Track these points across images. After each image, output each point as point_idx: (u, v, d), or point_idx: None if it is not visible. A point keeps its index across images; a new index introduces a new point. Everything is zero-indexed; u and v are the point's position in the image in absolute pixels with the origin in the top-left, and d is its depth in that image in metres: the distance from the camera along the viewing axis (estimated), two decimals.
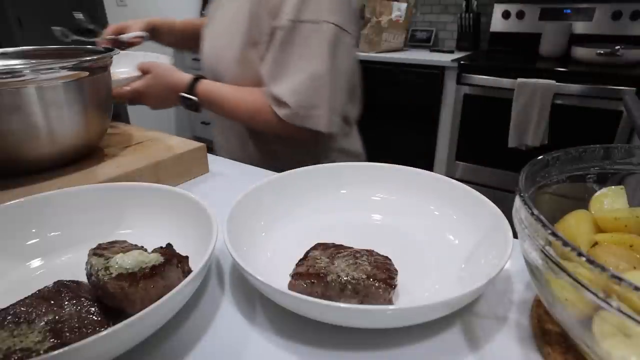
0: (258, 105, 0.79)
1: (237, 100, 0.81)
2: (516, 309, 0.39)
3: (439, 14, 2.57)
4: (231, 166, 0.75)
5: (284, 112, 0.76)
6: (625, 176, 0.38)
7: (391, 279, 0.37)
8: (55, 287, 0.35)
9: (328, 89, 0.75)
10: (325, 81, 0.75)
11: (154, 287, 0.34)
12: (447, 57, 2.16)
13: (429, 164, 2.31)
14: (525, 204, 0.29)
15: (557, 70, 1.81)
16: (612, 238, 0.32)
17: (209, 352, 0.35)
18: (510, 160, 2.01)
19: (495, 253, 0.39)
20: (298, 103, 0.74)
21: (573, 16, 2.13)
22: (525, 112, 1.84)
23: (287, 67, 0.75)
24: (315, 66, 0.74)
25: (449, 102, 2.14)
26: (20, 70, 0.52)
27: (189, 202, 0.47)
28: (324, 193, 0.55)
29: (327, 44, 0.74)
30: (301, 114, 0.75)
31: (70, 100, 0.57)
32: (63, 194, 0.48)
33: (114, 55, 0.64)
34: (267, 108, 0.78)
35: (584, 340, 0.27)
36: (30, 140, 0.55)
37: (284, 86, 0.75)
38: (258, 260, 0.43)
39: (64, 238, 0.47)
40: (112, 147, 0.67)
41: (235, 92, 0.81)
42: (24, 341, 0.29)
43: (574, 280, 0.24)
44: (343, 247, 0.43)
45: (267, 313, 0.39)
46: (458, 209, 0.49)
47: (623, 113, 1.68)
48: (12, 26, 2.49)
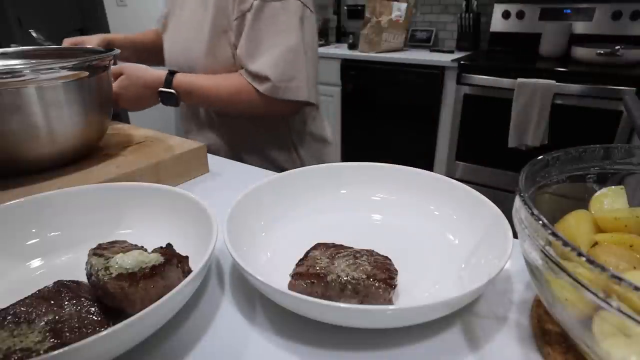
0: (237, 87, 0.81)
1: (216, 86, 0.82)
2: (516, 309, 0.39)
3: (439, 14, 2.57)
4: (231, 166, 0.75)
5: (265, 87, 0.79)
6: (625, 176, 0.38)
7: (391, 279, 0.37)
8: (55, 287, 0.35)
9: (303, 59, 0.81)
10: (299, 52, 0.80)
11: (154, 287, 0.34)
12: (447, 57, 2.16)
13: (429, 164, 2.31)
14: (525, 204, 0.29)
15: (557, 70, 1.81)
16: (612, 238, 0.32)
17: (209, 352, 0.35)
18: (510, 160, 2.01)
19: (495, 253, 0.39)
20: (278, 76, 0.78)
21: (573, 16, 2.13)
22: (525, 112, 1.84)
23: (262, 43, 0.79)
24: (289, 39, 0.79)
25: (449, 102, 2.14)
26: (20, 70, 0.52)
27: (189, 202, 0.47)
28: (324, 193, 0.55)
29: (297, 19, 0.79)
30: (282, 86, 0.79)
31: (70, 100, 0.57)
32: (63, 194, 0.48)
33: (114, 54, 0.64)
34: (247, 87, 0.81)
35: (584, 340, 0.27)
36: (30, 140, 0.55)
37: (262, 61, 0.79)
38: (258, 260, 0.43)
39: (64, 238, 0.47)
40: (112, 147, 0.67)
41: (213, 79, 0.83)
42: (24, 341, 0.29)
43: (574, 280, 0.24)
44: (343, 247, 0.43)
45: (267, 313, 0.39)
46: (458, 209, 0.49)
47: (623, 113, 1.68)
48: (12, 26, 2.49)
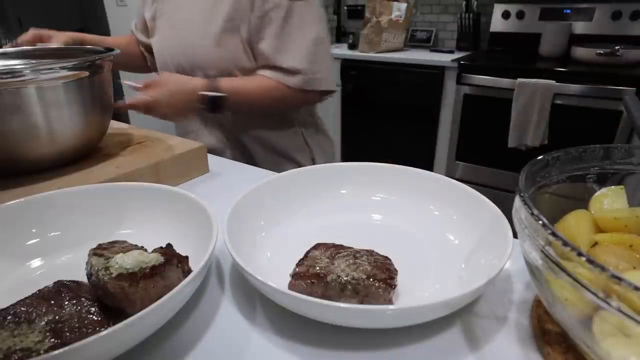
0: (266, 86, 0.85)
1: (254, 86, 0.85)
2: (516, 309, 0.39)
3: (439, 14, 2.57)
4: (231, 166, 0.75)
5: (297, 80, 0.84)
6: (625, 176, 0.38)
7: (391, 279, 0.37)
8: (55, 287, 0.35)
9: (326, 50, 0.87)
10: (323, 44, 0.85)
11: (154, 287, 0.34)
12: (447, 57, 2.16)
13: (429, 164, 2.31)
14: (525, 204, 0.29)
15: (557, 70, 1.81)
16: (612, 238, 0.32)
17: (209, 352, 0.35)
18: (510, 160, 2.01)
19: (495, 253, 0.39)
20: (307, 68, 0.84)
21: (573, 16, 2.13)
22: (525, 112, 1.84)
23: (291, 39, 0.83)
24: (314, 32, 0.84)
25: (449, 102, 2.14)
26: (20, 70, 0.52)
27: (189, 202, 0.47)
28: (324, 193, 0.55)
29: (318, 12, 0.86)
30: (312, 77, 0.85)
31: (70, 100, 0.57)
32: (63, 194, 0.48)
33: (115, 54, 0.64)
34: (276, 84, 0.84)
35: (584, 340, 0.27)
36: (30, 140, 0.55)
37: (291, 55, 0.83)
38: (258, 260, 0.43)
39: (64, 238, 0.47)
40: (112, 147, 0.67)
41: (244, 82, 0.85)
42: (24, 341, 0.29)
43: (574, 280, 0.24)
44: (343, 247, 0.43)
45: (267, 313, 0.39)
46: (458, 209, 0.49)
47: (623, 113, 1.68)
48: (12, 26, 2.49)
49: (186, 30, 0.89)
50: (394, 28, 2.35)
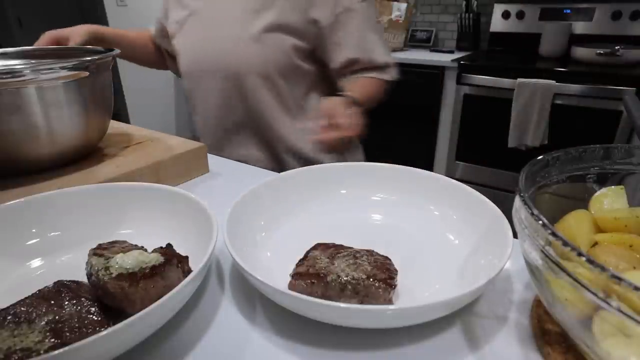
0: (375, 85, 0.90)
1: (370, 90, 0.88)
2: (516, 309, 0.39)
3: (439, 14, 2.57)
4: (231, 166, 0.75)
5: (390, 73, 0.90)
6: (625, 176, 0.38)
7: (391, 279, 0.37)
8: (55, 287, 0.35)
9: None
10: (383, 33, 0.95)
11: (154, 287, 0.34)
12: (447, 57, 2.16)
13: (429, 164, 2.31)
14: (525, 204, 0.29)
15: (557, 70, 1.81)
16: (612, 238, 0.32)
17: (209, 352, 0.35)
18: (510, 160, 2.01)
19: (495, 253, 0.39)
20: (390, 59, 0.91)
21: (573, 16, 2.13)
22: (525, 112, 1.84)
23: (372, 36, 0.89)
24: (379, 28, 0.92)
25: (449, 102, 2.14)
26: (20, 70, 0.52)
27: (189, 202, 0.47)
28: (324, 193, 0.55)
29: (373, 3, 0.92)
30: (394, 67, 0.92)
31: (70, 100, 0.57)
32: (63, 194, 0.48)
33: (114, 55, 0.64)
34: (377, 82, 0.90)
35: (584, 340, 0.27)
36: (30, 140, 0.55)
37: (380, 51, 0.89)
38: (258, 260, 0.43)
39: (64, 238, 0.47)
40: (112, 147, 0.67)
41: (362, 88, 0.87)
42: (24, 341, 0.29)
43: (574, 280, 0.24)
44: (343, 247, 0.43)
45: (267, 313, 0.39)
46: (458, 209, 0.49)
47: (623, 113, 1.68)
48: (12, 26, 2.49)
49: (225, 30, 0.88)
50: (394, 28, 2.35)
